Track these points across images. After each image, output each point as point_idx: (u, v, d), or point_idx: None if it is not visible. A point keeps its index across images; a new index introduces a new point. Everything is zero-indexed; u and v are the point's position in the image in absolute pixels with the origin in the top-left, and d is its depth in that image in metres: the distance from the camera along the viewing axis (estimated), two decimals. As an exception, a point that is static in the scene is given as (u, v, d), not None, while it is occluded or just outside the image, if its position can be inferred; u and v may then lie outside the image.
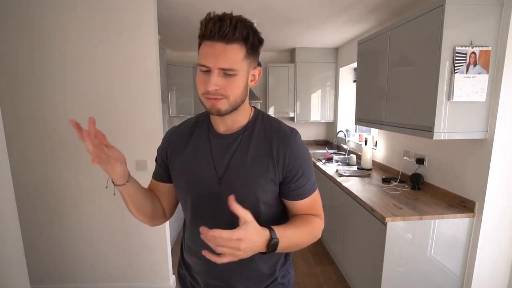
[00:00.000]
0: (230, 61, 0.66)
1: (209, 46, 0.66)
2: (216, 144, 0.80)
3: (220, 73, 0.67)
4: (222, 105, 0.70)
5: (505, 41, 1.49)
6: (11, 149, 1.74)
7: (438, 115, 1.57)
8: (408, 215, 1.68)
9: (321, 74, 3.94)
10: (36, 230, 2.13)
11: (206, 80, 0.68)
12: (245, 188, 0.76)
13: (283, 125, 0.82)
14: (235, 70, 0.67)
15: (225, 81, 0.68)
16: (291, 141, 0.77)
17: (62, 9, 1.88)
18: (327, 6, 2.32)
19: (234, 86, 0.69)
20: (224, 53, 0.65)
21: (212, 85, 0.66)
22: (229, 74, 0.67)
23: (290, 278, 0.92)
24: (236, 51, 0.66)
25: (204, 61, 0.67)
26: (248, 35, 0.67)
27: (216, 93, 0.68)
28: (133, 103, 2.02)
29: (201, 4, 2.23)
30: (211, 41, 0.66)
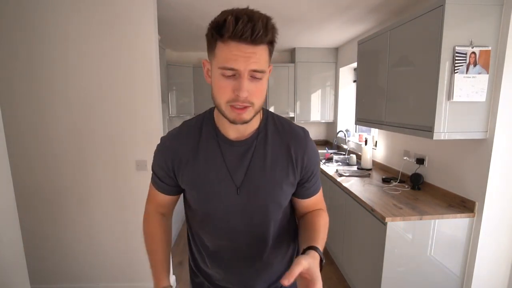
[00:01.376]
0: (260, 63, 0.61)
1: (236, 48, 0.59)
2: (230, 152, 0.74)
3: (249, 77, 0.62)
4: (248, 115, 0.65)
5: (505, 41, 1.49)
6: (11, 149, 1.74)
7: (438, 115, 1.57)
8: (408, 215, 1.68)
9: (321, 74, 3.94)
10: (36, 230, 2.13)
11: (233, 85, 0.61)
12: (267, 194, 0.75)
13: (294, 126, 0.81)
14: (264, 72, 0.63)
15: (253, 86, 0.63)
16: (306, 142, 0.78)
17: (62, 9, 1.88)
18: (327, 6, 2.31)
19: (261, 91, 0.65)
20: (253, 55, 0.60)
21: (245, 90, 0.61)
22: (257, 78, 0.62)
23: None
24: (263, 52, 0.62)
25: (233, 64, 0.59)
26: (274, 36, 0.64)
27: (245, 100, 0.62)
28: (133, 103, 2.02)
29: (201, 4, 2.23)
30: (238, 42, 0.59)
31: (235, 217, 0.76)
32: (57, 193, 2.10)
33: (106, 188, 2.10)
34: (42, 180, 2.07)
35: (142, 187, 2.08)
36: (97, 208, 2.14)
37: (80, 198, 2.11)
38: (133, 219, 2.15)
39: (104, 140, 2.04)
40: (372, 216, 1.83)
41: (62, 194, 2.10)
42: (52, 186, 2.09)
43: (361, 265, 2.07)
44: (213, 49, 0.62)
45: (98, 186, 2.10)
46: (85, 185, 2.10)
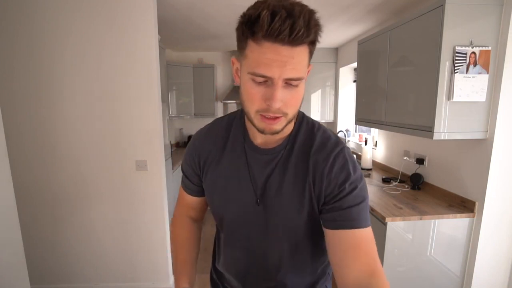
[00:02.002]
0: (298, 69, 0.52)
1: (270, 49, 0.50)
2: (254, 158, 0.68)
3: (283, 84, 0.53)
4: (279, 126, 0.58)
5: (505, 41, 1.49)
6: (11, 149, 1.74)
7: (438, 115, 1.57)
8: (408, 215, 1.68)
9: (321, 74, 3.93)
10: (36, 230, 2.13)
11: (264, 93, 0.54)
12: (282, 215, 0.67)
13: (328, 136, 0.67)
14: (301, 79, 0.54)
15: (288, 94, 0.54)
16: (334, 153, 0.63)
17: (62, 8, 1.88)
18: (327, 6, 2.31)
19: (297, 100, 0.57)
20: (291, 59, 0.50)
21: (279, 101, 0.53)
22: (293, 85, 0.54)
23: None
24: (303, 55, 0.52)
25: (265, 70, 0.51)
26: (317, 35, 0.53)
27: (277, 111, 0.55)
28: (133, 103, 2.02)
29: (202, 4, 2.23)
30: (273, 42, 0.49)
31: (253, 228, 0.70)
32: (57, 193, 2.10)
33: (106, 188, 2.10)
34: (42, 180, 2.07)
35: (142, 187, 2.08)
36: (97, 208, 2.14)
37: (80, 198, 2.11)
38: (133, 219, 2.15)
39: (104, 140, 2.04)
40: (372, 216, 1.83)
41: (62, 194, 2.10)
42: (52, 186, 2.09)
43: (361, 265, 2.07)
44: (244, 49, 0.54)
45: (98, 186, 2.10)
46: (85, 185, 2.10)
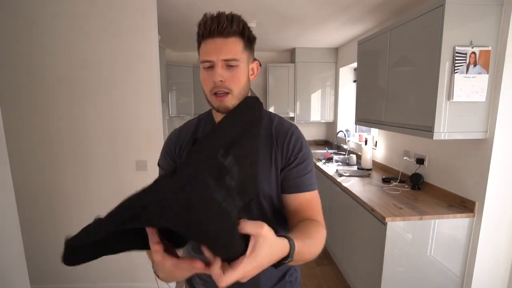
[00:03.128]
0: (232, 52, 0.70)
1: (210, 43, 0.70)
2: None
3: (224, 65, 0.71)
4: (229, 102, 0.73)
5: (505, 41, 1.49)
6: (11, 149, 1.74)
7: (438, 115, 1.57)
8: (408, 215, 1.68)
9: (321, 74, 3.94)
10: (36, 230, 2.13)
11: (211, 75, 0.71)
12: None
13: (283, 119, 0.85)
14: (237, 60, 0.71)
15: (229, 73, 0.71)
16: (291, 131, 0.81)
17: (62, 8, 1.88)
18: (327, 6, 2.31)
19: (237, 78, 0.72)
20: (225, 46, 0.70)
21: (218, 76, 0.70)
22: (232, 65, 0.71)
23: (297, 276, 0.93)
24: (235, 43, 0.71)
25: (207, 56, 0.70)
26: (244, 29, 0.72)
27: (222, 85, 0.71)
28: (133, 103, 2.02)
29: (201, 4, 2.23)
30: (211, 38, 0.70)
31: None
32: (57, 193, 2.10)
33: (106, 188, 2.10)
34: (42, 180, 2.07)
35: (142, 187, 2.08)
36: (97, 208, 2.13)
37: (80, 198, 2.11)
38: (133, 219, 2.15)
39: (104, 140, 2.04)
40: (372, 216, 1.83)
41: (62, 194, 2.10)
42: (52, 186, 2.09)
43: (361, 265, 2.07)
44: (199, 50, 0.74)
45: (98, 186, 2.10)
46: (85, 185, 2.10)
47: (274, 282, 0.87)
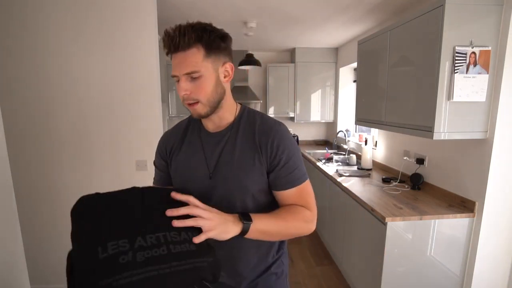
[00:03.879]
0: (191, 65, 0.72)
1: (173, 58, 0.74)
2: (207, 141, 0.85)
3: (188, 78, 0.73)
4: (200, 109, 0.76)
5: (505, 41, 1.49)
6: (11, 149, 1.74)
7: (438, 115, 1.57)
8: (408, 215, 1.68)
9: (321, 74, 3.94)
10: (36, 230, 2.13)
11: (179, 88, 0.75)
12: (235, 180, 0.80)
13: (267, 118, 0.86)
14: (198, 72, 0.72)
15: (193, 85, 0.74)
16: (273, 130, 0.81)
17: (62, 8, 1.88)
18: (327, 6, 2.32)
19: (202, 88, 0.74)
20: (184, 60, 0.72)
21: (182, 90, 0.73)
22: (195, 77, 0.73)
23: (284, 268, 0.94)
24: (194, 54, 0.72)
25: (173, 72, 0.74)
26: (201, 37, 0.72)
27: (188, 98, 0.74)
28: (133, 103, 2.02)
29: (202, 4, 2.23)
30: (173, 53, 0.73)
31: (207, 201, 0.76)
32: (57, 193, 2.10)
33: (106, 188, 2.07)
34: (42, 179, 2.07)
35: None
36: (97, 208, 2.13)
37: (80, 198, 2.11)
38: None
39: (104, 140, 2.04)
40: (372, 216, 1.83)
41: (62, 193, 2.10)
42: (52, 186, 2.09)
43: (361, 265, 2.07)
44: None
45: (98, 186, 2.10)
46: (86, 185, 2.10)
47: (259, 273, 0.88)
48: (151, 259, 0.55)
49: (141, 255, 0.55)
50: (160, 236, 0.59)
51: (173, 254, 0.57)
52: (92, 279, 0.53)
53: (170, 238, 0.59)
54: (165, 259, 0.56)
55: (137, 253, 0.55)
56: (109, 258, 0.54)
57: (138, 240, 0.57)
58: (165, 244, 0.58)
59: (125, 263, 0.54)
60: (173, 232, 0.61)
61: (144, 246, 0.57)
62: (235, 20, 2.66)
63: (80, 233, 0.60)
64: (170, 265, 0.56)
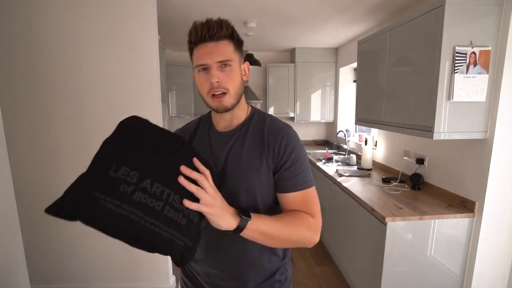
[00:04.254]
0: (224, 54, 0.75)
1: (202, 47, 0.75)
2: (215, 141, 0.86)
3: (218, 67, 0.75)
4: (227, 101, 0.77)
5: (505, 41, 1.49)
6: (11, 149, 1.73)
7: (438, 115, 1.57)
8: (408, 215, 1.68)
9: (321, 74, 3.94)
10: (36, 230, 2.13)
11: (207, 77, 0.75)
12: (242, 180, 0.80)
13: (276, 120, 0.87)
14: (230, 61, 0.76)
15: (224, 74, 0.75)
16: (282, 132, 0.82)
17: (62, 8, 1.88)
18: (327, 6, 2.31)
19: (232, 78, 0.76)
20: (217, 48, 0.74)
21: (215, 77, 0.74)
22: (226, 65, 0.75)
23: (287, 275, 0.93)
24: (226, 46, 0.76)
25: (202, 60, 0.75)
26: (233, 32, 0.77)
27: (218, 86, 0.75)
28: (133, 103, 2.02)
29: (202, 4, 2.23)
30: (203, 43, 0.75)
31: None
32: (57, 193, 2.09)
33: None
34: (42, 180, 2.07)
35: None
36: (97, 208, 2.13)
37: (80, 198, 2.11)
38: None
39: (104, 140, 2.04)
40: (372, 216, 1.83)
41: (62, 194, 2.10)
42: (52, 186, 2.09)
43: (361, 265, 2.07)
44: (192, 57, 0.79)
45: (98, 186, 2.10)
46: (85, 185, 2.10)
47: (262, 279, 0.87)
48: (143, 205, 0.55)
49: (139, 195, 0.55)
50: (165, 191, 0.58)
51: (164, 215, 0.57)
52: (90, 183, 0.55)
53: (171, 199, 0.58)
54: (154, 214, 0.55)
55: (137, 191, 0.55)
56: (114, 180, 0.55)
57: (146, 181, 0.57)
58: (163, 202, 0.57)
59: (122, 192, 0.54)
60: (177, 196, 0.59)
61: (147, 190, 0.56)
62: (235, 20, 2.66)
63: (112, 143, 0.65)
64: (154, 223, 0.55)
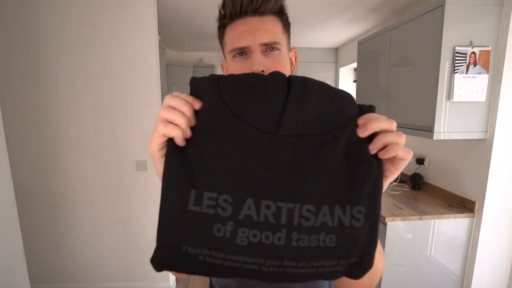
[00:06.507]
0: (270, 34, 0.54)
1: (241, 24, 0.54)
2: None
3: (263, 51, 0.54)
4: None
5: (505, 41, 1.49)
6: (11, 149, 1.74)
7: (438, 115, 1.57)
8: (408, 215, 1.68)
9: (321, 74, 3.93)
10: (36, 230, 2.13)
11: (247, 64, 0.54)
12: None
13: None
14: (279, 43, 0.55)
15: (270, 60, 0.54)
16: None
17: (62, 8, 1.88)
18: (328, 6, 2.31)
19: (281, 66, 0.55)
20: (261, 26, 0.53)
21: (259, 63, 0.52)
22: (273, 48, 0.54)
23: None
24: (273, 23, 0.55)
25: (240, 42, 0.53)
26: (283, 7, 0.57)
27: None
28: (133, 103, 2.02)
29: (201, 4, 2.23)
30: (241, 18, 0.54)
31: None
32: (57, 193, 2.10)
33: (106, 188, 2.10)
34: (42, 180, 2.07)
35: (142, 187, 2.08)
36: (97, 208, 2.14)
37: (80, 198, 2.11)
38: (133, 219, 2.15)
39: (104, 140, 2.04)
40: (372, 216, 1.83)
41: (62, 194, 2.10)
42: (52, 186, 2.09)
43: (361, 265, 2.07)
44: (223, 39, 0.58)
45: (98, 186, 2.10)
46: (85, 185, 2.10)
47: None
48: (256, 247, 0.34)
49: (244, 235, 0.34)
50: (283, 209, 0.35)
51: (293, 248, 0.35)
52: (176, 235, 0.35)
53: (298, 218, 0.35)
54: (277, 253, 0.35)
55: (239, 230, 0.34)
56: (200, 218, 0.34)
57: (246, 205, 0.35)
58: (285, 229, 0.34)
59: (219, 238, 0.34)
60: (309, 205, 0.35)
61: (252, 219, 0.34)
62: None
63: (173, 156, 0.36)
64: (282, 265, 0.35)
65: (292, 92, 0.36)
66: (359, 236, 0.36)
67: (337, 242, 0.35)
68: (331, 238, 0.35)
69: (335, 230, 0.35)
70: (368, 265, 0.38)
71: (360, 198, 0.36)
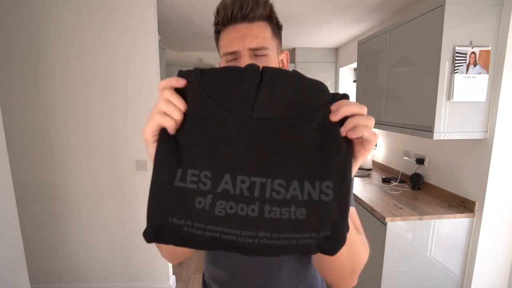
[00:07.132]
0: (259, 39, 0.59)
1: (232, 30, 0.59)
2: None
3: (251, 55, 0.60)
4: None
5: (505, 41, 1.49)
6: (11, 149, 1.74)
7: (438, 115, 1.57)
8: (408, 215, 1.68)
9: (321, 74, 3.93)
10: (36, 230, 2.13)
11: None
12: None
13: None
14: (266, 49, 0.60)
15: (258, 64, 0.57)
16: None
17: (62, 9, 1.88)
18: (328, 6, 2.31)
19: None
20: (250, 32, 0.59)
21: None
22: (261, 55, 0.60)
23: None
24: (262, 28, 0.60)
25: (230, 47, 0.59)
26: (272, 12, 0.62)
27: None
28: (133, 103, 2.02)
29: (201, 4, 2.23)
30: (233, 24, 0.59)
31: None
32: (57, 193, 2.10)
33: (106, 188, 2.10)
34: (42, 180, 2.07)
35: (142, 187, 2.08)
36: (97, 208, 2.14)
37: (80, 198, 2.11)
38: (133, 219, 2.15)
39: (104, 140, 2.04)
40: (372, 216, 1.83)
41: (62, 194, 2.10)
42: (52, 186, 2.09)
43: (361, 265, 2.07)
44: (218, 43, 0.63)
45: (98, 186, 2.10)
46: (85, 185, 2.10)
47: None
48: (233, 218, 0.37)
49: (221, 206, 0.37)
50: (256, 183, 0.38)
51: (266, 220, 0.37)
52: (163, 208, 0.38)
53: (269, 192, 0.38)
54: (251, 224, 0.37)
55: (217, 202, 0.37)
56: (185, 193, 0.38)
57: (224, 180, 0.38)
58: (258, 202, 0.37)
59: (200, 210, 0.37)
60: (280, 180, 0.38)
61: (229, 193, 0.38)
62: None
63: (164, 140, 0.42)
64: (257, 235, 0.37)
65: (264, 80, 0.40)
66: (329, 211, 0.38)
67: (308, 215, 0.38)
68: (301, 211, 0.38)
69: (305, 204, 0.38)
70: (340, 239, 0.40)
71: (329, 174, 0.39)
